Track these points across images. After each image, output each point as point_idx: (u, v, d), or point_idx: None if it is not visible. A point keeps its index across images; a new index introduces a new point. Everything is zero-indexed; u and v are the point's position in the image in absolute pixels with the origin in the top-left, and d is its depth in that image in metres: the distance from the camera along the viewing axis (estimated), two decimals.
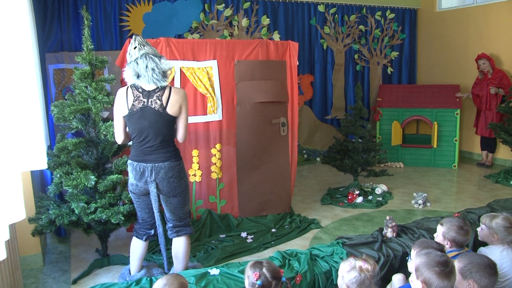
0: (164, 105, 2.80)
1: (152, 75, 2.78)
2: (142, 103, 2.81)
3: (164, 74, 2.84)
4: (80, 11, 3.64)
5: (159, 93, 2.81)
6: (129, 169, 2.97)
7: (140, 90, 2.83)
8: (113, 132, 3.09)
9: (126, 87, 2.90)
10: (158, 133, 2.84)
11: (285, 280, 2.18)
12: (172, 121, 2.88)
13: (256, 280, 2.09)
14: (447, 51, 7.80)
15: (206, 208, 4.26)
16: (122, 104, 2.86)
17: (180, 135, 2.96)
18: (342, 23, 7.75)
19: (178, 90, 2.90)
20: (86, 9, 3.47)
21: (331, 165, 5.54)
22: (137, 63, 2.79)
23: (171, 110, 2.83)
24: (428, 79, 8.18)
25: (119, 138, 3.00)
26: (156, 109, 2.80)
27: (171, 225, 3.10)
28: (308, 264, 2.77)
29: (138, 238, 3.16)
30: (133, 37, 2.89)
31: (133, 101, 2.82)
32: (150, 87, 2.83)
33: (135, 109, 2.82)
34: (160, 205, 3.11)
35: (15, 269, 2.92)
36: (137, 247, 3.17)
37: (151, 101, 2.80)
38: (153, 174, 2.88)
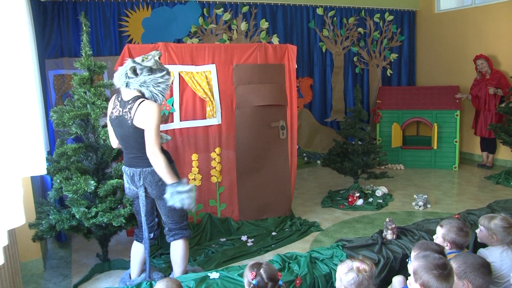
0: (132, 117, 2.79)
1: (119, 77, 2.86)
2: (118, 112, 2.88)
3: (132, 74, 2.81)
4: (79, 17, 3.65)
5: (131, 104, 2.81)
6: (124, 173, 3.05)
7: (119, 99, 2.90)
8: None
9: (115, 94, 2.98)
10: (134, 142, 2.86)
11: (282, 284, 2.17)
12: (142, 132, 2.82)
13: (252, 280, 2.10)
14: (446, 53, 7.81)
15: (206, 212, 4.26)
16: (108, 110, 3.00)
17: (146, 148, 2.79)
18: (341, 25, 7.76)
19: (145, 104, 2.78)
20: (85, 15, 3.49)
21: (331, 167, 5.54)
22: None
23: (137, 122, 2.79)
24: (428, 81, 8.18)
25: (113, 143, 3.12)
26: (128, 120, 2.81)
27: (167, 228, 3.11)
28: (307, 267, 2.77)
29: (138, 241, 3.19)
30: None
31: (112, 109, 2.93)
32: (126, 97, 2.85)
33: (113, 117, 2.92)
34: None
35: (16, 274, 2.92)
36: (137, 251, 3.20)
37: (125, 111, 2.83)
38: (141, 178, 2.92)
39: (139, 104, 2.77)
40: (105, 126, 3.42)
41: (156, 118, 2.76)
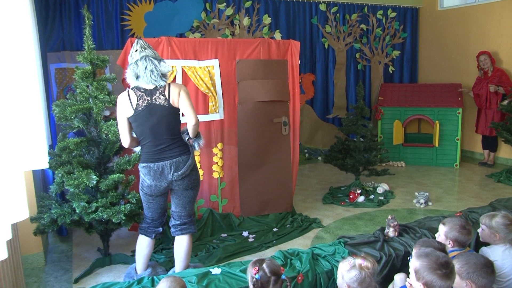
0: (168, 98, 2.89)
1: (151, 76, 2.86)
2: (146, 101, 2.88)
3: (163, 76, 2.93)
4: (82, 11, 3.64)
5: (160, 89, 2.90)
6: (145, 172, 2.96)
7: (142, 90, 2.90)
8: (114, 132, 3.17)
9: (126, 90, 2.95)
10: (168, 127, 2.91)
11: (285, 278, 2.17)
12: (178, 113, 2.96)
13: (255, 274, 2.10)
14: (449, 50, 7.78)
15: (207, 207, 4.26)
16: (126, 106, 2.91)
17: (189, 117, 2.93)
18: (344, 22, 7.73)
19: (177, 84, 3.02)
20: (88, 8, 3.47)
21: (332, 164, 5.53)
22: (137, 64, 2.87)
23: (173, 102, 2.91)
24: (430, 78, 8.16)
25: (125, 142, 3.02)
26: (161, 104, 2.88)
27: (177, 222, 3.11)
28: (309, 263, 2.76)
29: (146, 236, 3.15)
30: (136, 40, 2.97)
31: (137, 101, 2.88)
32: (150, 86, 2.91)
33: (140, 108, 2.88)
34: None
35: (17, 268, 2.92)
36: (144, 246, 3.17)
37: (155, 98, 2.88)
38: (173, 169, 2.92)
39: (169, 86, 2.92)
40: (107, 119, 3.42)
41: (189, 96, 3.01)
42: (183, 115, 3.00)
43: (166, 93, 2.90)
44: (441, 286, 1.94)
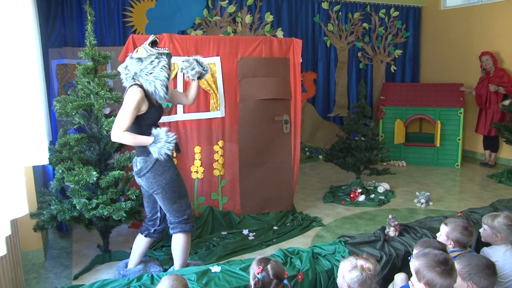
0: (122, 100, 2.87)
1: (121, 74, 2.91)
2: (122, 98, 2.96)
3: (125, 75, 2.86)
4: (84, 7, 3.63)
5: (127, 90, 2.89)
6: None
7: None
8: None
9: None
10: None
11: (287, 283, 2.16)
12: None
13: (258, 274, 2.09)
14: (451, 50, 7.76)
15: (208, 205, 4.25)
16: None
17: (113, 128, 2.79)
18: (346, 20, 7.71)
19: (135, 90, 2.79)
20: (90, 4, 3.46)
21: (333, 163, 5.52)
22: None
23: None
24: (432, 78, 8.14)
25: None
26: (121, 104, 2.87)
27: (168, 221, 3.13)
28: (310, 262, 2.76)
29: (140, 233, 3.23)
30: None
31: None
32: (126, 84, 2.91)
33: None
34: None
35: (17, 264, 2.92)
36: (138, 242, 3.23)
37: (124, 96, 2.90)
38: (134, 167, 2.99)
39: (130, 88, 2.82)
40: (108, 116, 3.42)
41: (129, 103, 2.73)
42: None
43: (125, 95, 2.85)
44: (442, 284, 1.93)
